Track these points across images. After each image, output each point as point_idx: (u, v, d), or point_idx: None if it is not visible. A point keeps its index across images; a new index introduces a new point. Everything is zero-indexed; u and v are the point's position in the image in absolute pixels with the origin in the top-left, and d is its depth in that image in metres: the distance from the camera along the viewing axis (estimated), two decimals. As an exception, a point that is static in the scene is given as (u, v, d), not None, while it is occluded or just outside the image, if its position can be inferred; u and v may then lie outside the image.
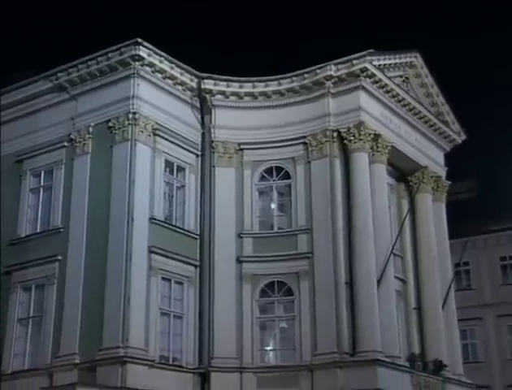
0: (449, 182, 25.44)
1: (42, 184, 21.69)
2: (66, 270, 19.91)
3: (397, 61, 23.03)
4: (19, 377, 19.55)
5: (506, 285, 35.86)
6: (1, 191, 21.60)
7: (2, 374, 19.84)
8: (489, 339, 35.57)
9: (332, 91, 21.45)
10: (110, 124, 20.27)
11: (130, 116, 19.98)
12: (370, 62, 21.32)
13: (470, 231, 28.45)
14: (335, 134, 21.21)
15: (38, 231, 21.23)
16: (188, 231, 21.09)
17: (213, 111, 21.94)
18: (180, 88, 21.50)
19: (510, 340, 35.42)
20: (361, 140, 21.04)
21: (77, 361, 18.75)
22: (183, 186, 21.55)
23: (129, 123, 19.96)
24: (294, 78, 21.74)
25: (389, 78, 22.37)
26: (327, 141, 21.17)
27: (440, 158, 25.61)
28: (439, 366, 22.05)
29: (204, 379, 19.91)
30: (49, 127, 21.53)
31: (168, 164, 21.10)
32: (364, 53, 21.11)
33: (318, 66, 21.37)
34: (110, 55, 20.41)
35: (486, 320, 35.66)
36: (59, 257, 20.13)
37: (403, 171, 24.17)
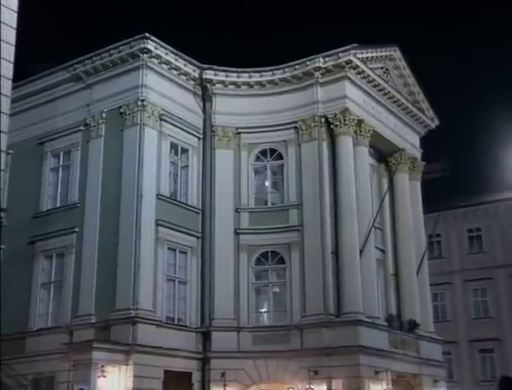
0: (424, 163, 25.14)
1: (61, 163, 21.40)
2: (82, 241, 19.71)
3: (378, 54, 22.71)
4: (43, 334, 19.52)
5: (472, 254, 35.75)
6: (24, 170, 21.22)
7: (26, 331, 19.70)
8: (456, 301, 35.58)
9: (320, 81, 21.11)
10: (122, 110, 19.96)
11: (139, 103, 19.67)
12: (355, 55, 21.02)
13: (441, 207, 28.29)
14: (322, 119, 20.91)
15: (58, 205, 20.99)
16: (191, 206, 20.84)
17: (213, 99, 21.60)
18: (183, 77, 21.15)
19: (474, 301, 35.41)
20: (346, 125, 20.74)
21: (93, 321, 18.66)
22: (186, 166, 21.26)
23: (138, 109, 19.67)
24: (286, 69, 21.40)
25: (371, 69, 22.05)
26: (315, 126, 20.88)
27: (416, 141, 25.32)
28: (413, 325, 22.06)
29: (205, 337, 19.81)
30: (67, 113, 21.18)
31: (173, 146, 20.80)
32: (349, 47, 20.82)
33: (308, 58, 21.06)
34: (121, 48, 20.08)
35: (454, 285, 35.65)
36: (77, 230, 19.90)
37: (383, 153, 23.88)
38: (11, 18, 11.84)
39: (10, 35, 11.81)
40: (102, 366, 16.74)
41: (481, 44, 53.59)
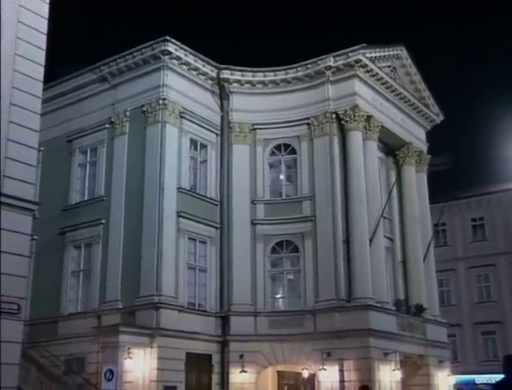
0: (430, 156, 24.90)
1: (88, 159, 21.46)
2: (109, 232, 19.79)
3: (386, 53, 22.53)
4: (73, 318, 19.69)
5: (476, 242, 35.49)
6: (54, 166, 21.33)
7: (58, 316, 19.85)
8: (461, 286, 35.40)
9: (331, 79, 20.97)
10: (144, 109, 19.98)
11: (160, 102, 19.67)
12: (364, 55, 20.86)
13: (446, 197, 28.02)
14: (333, 116, 20.80)
15: (86, 199, 21.09)
16: (210, 198, 20.84)
17: (230, 97, 21.53)
18: (202, 77, 21.10)
19: (478, 287, 35.17)
20: (355, 120, 20.61)
21: (120, 307, 18.77)
22: (205, 161, 21.24)
23: (160, 108, 19.66)
24: (299, 68, 21.28)
25: (379, 68, 21.86)
26: (327, 122, 20.77)
27: (422, 135, 25.10)
28: (420, 309, 21.98)
29: (224, 321, 19.86)
30: (93, 112, 21.24)
31: (193, 142, 20.78)
32: (358, 46, 20.66)
33: (320, 57, 20.94)
34: (143, 51, 20.08)
35: (458, 271, 35.46)
36: (103, 221, 19.99)
37: (391, 147, 23.70)
38: (42, 24, 11.92)
39: (41, 40, 11.89)
40: (129, 349, 16.88)
41: (485, 41, 52.95)
